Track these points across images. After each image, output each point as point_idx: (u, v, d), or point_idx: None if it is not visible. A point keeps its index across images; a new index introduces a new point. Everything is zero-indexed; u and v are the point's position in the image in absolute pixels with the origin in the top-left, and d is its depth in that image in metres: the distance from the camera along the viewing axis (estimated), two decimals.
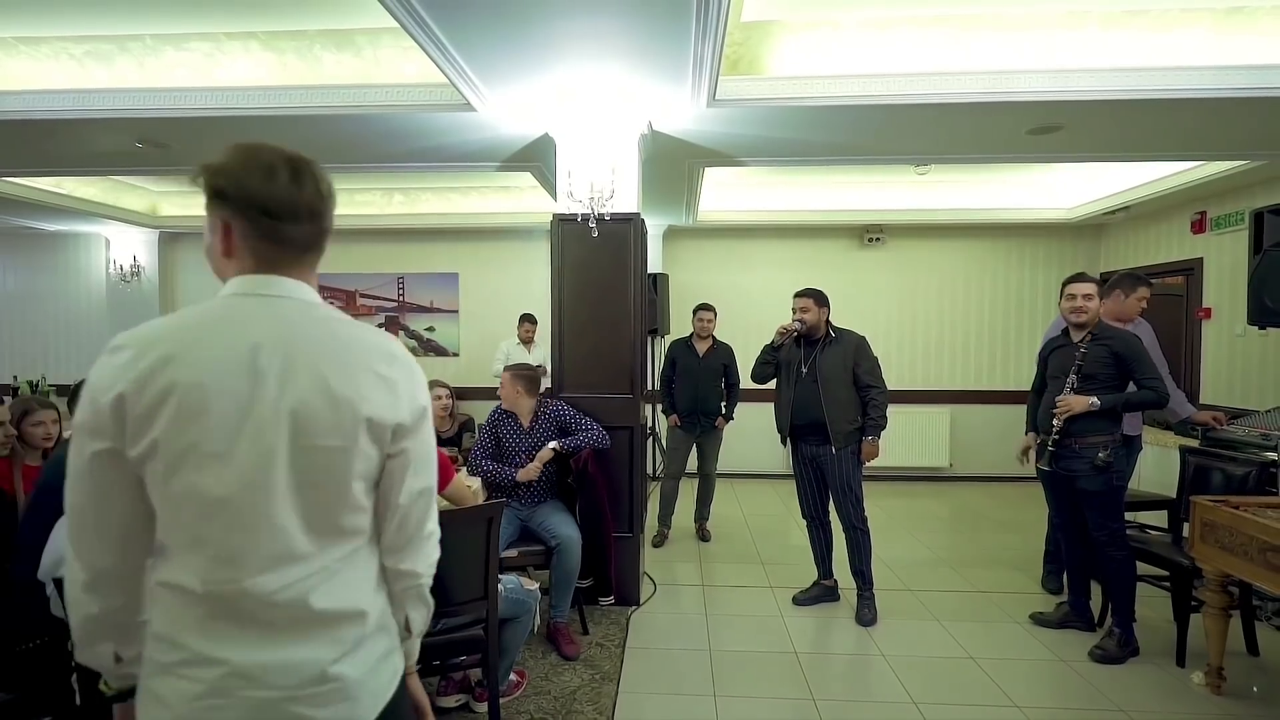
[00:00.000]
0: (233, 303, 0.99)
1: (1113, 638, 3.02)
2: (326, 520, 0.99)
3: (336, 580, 1.00)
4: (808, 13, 3.12)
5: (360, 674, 1.01)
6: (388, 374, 1.03)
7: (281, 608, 0.95)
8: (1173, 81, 3.11)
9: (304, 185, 1.00)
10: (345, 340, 1.02)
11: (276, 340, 0.97)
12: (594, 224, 3.45)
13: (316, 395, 0.97)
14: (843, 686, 2.87)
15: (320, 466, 0.97)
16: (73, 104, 3.47)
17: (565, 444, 3.24)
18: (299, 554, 0.97)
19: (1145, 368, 2.97)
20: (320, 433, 0.97)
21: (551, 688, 2.79)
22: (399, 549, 1.08)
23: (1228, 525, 2.57)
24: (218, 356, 0.94)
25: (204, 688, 0.93)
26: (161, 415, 0.91)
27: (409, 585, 1.11)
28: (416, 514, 1.08)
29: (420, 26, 2.48)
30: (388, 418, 1.01)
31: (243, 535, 0.94)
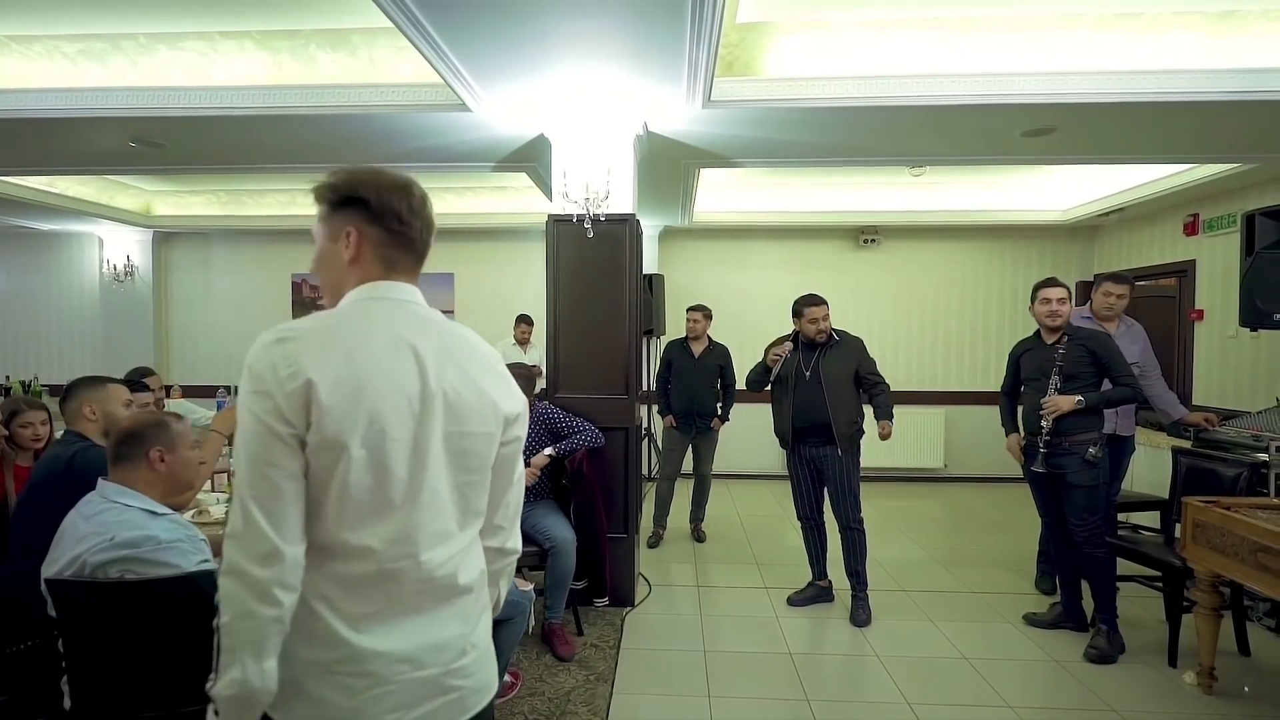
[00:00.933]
0: (372, 307, 1.06)
1: (1101, 634, 3.04)
2: (471, 501, 1.10)
3: (470, 556, 1.11)
4: (802, 14, 3.12)
5: (487, 643, 1.14)
6: (503, 372, 1.16)
7: (440, 581, 1.04)
8: (1166, 84, 3.12)
9: (426, 202, 1.12)
10: (470, 341, 1.13)
11: (424, 338, 1.05)
12: (589, 225, 3.45)
13: (465, 387, 1.07)
14: (837, 687, 2.87)
15: (470, 451, 1.08)
16: (66, 103, 3.46)
17: (561, 448, 3.24)
18: (453, 531, 1.07)
19: (1120, 366, 3.08)
20: (471, 420, 1.07)
21: (546, 689, 2.79)
22: (504, 529, 1.19)
23: (1219, 526, 2.58)
24: (382, 353, 1.01)
25: (369, 680, 0.98)
26: (351, 405, 0.95)
27: (507, 564, 1.22)
28: (517, 496, 1.21)
29: (415, 26, 2.48)
30: (511, 409, 1.14)
31: (419, 513, 1.02)
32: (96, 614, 1.56)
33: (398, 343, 1.03)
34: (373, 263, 1.08)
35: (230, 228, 6.85)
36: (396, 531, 1.00)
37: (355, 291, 1.07)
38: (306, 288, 7.08)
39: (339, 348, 0.98)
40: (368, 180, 1.07)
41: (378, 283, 1.08)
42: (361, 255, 1.08)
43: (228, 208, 6.67)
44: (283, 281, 7.10)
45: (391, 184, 1.08)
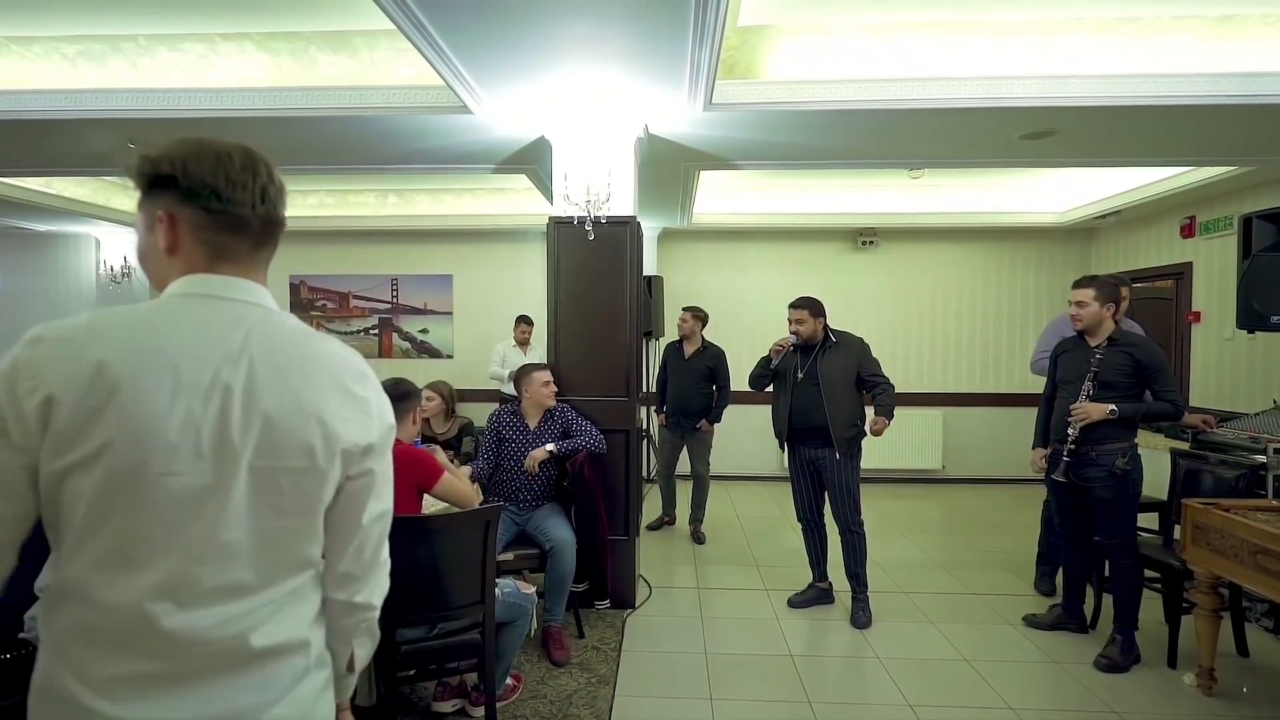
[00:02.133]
0: (187, 305, 0.89)
1: (1116, 645, 2.98)
2: (284, 550, 0.91)
3: (281, 615, 0.91)
4: (803, 17, 3.13)
5: (296, 713, 0.93)
6: (359, 392, 0.96)
7: (219, 645, 0.85)
8: (1164, 88, 3.14)
9: (258, 172, 0.93)
10: (313, 354, 0.94)
11: (242, 348, 0.88)
12: (590, 227, 3.46)
13: (285, 413, 0.88)
14: (838, 689, 2.88)
15: (287, 490, 0.89)
16: (64, 104, 3.45)
17: (562, 446, 3.24)
18: (247, 586, 0.88)
19: (1166, 379, 2.90)
20: (289, 453, 0.88)
21: (548, 691, 2.78)
22: (355, 579, 0.99)
23: (1219, 528, 2.59)
24: (176, 364, 0.84)
25: None
26: (100, 428, 0.80)
27: (362, 619, 1.02)
28: (375, 538, 1.00)
29: (417, 29, 2.48)
30: (357, 439, 0.94)
31: (186, 564, 0.84)
32: None
33: (197, 352, 0.86)
34: (194, 252, 0.91)
35: None
36: (154, 582, 0.83)
37: (172, 286, 0.91)
38: (304, 289, 7.08)
39: (103, 355, 0.81)
40: (174, 153, 0.89)
41: (200, 275, 0.91)
42: (179, 243, 0.91)
43: None
44: (280, 282, 7.08)
45: (203, 153, 0.89)
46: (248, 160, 0.92)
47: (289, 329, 0.94)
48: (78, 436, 0.80)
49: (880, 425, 3.42)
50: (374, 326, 7.03)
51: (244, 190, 0.91)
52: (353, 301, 7.05)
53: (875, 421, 3.42)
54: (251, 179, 0.92)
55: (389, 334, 7.03)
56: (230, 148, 0.92)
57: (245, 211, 0.91)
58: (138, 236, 0.94)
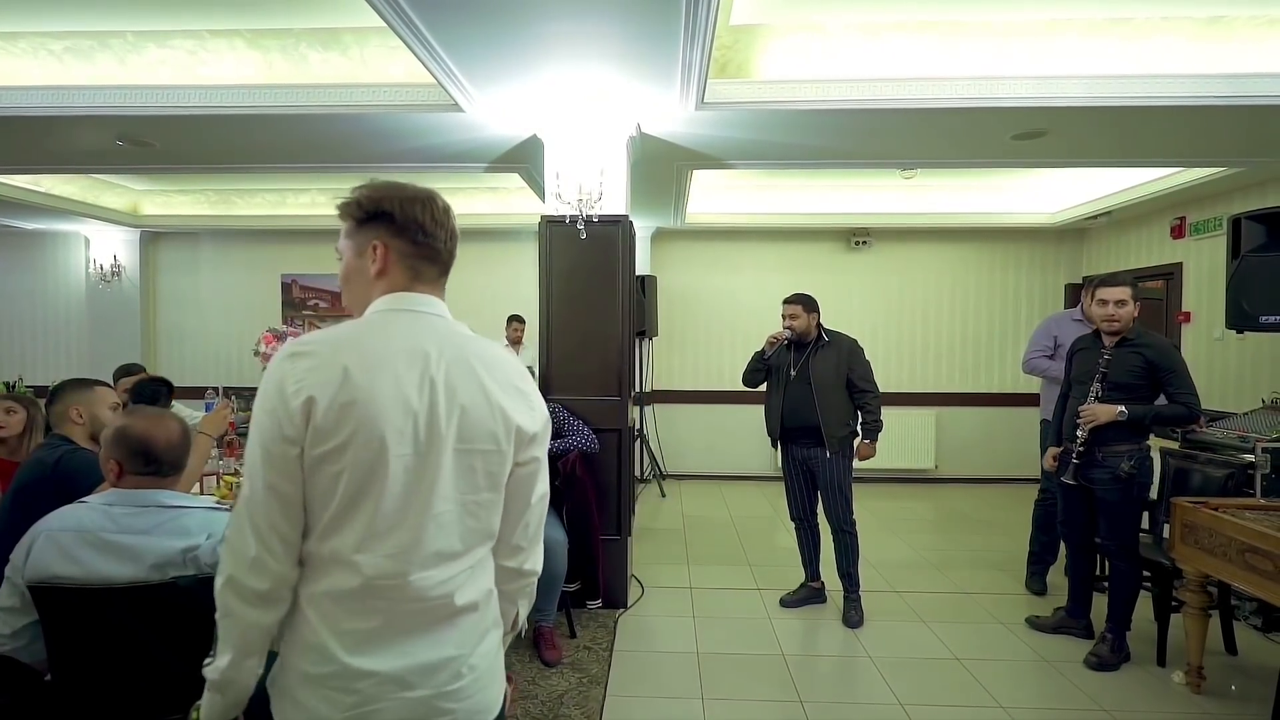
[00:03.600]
0: (393, 318, 1.07)
1: (1106, 644, 2.98)
2: (480, 521, 1.08)
3: (475, 577, 1.09)
4: (795, 17, 3.12)
5: (488, 664, 1.10)
6: (524, 388, 1.13)
7: (435, 602, 1.03)
8: (1154, 89, 3.15)
9: (449, 213, 1.14)
10: (491, 356, 1.11)
11: (440, 351, 1.05)
12: (582, 226, 3.45)
13: (477, 403, 1.05)
14: (830, 688, 2.88)
15: (480, 470, 1.06)
16: (52, 101, 3.42)
17: (554, 446, 3.23)
18: (454, 552, 1.05)
19: (1181, 381, 2.83)
20: (481, 438, 1.06)
21: (539, 691, 2.78)
22: (523, 549, 1.17)
23: (1207, 526, 2.60)
24: (395, 366, 1.01)
25: (357, 698, 0.99)
26: (347, 421, 0.97)
27: (526, 585, 1.20)
28: (538, 515, 1.18)
29: (408, 26, 2.47)
30: (528, 427, 1.11)
31: (414, 532, 1.01)
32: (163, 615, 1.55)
33: (408, 355, 1.03)
34: (398, 274, 1.10)
35: (219, 227, 6.79)
36: (391, 548, 1.00)
37: (378, 302, 1.09)
38: (296, 288, 7.04)
39: (345, 362, 0.99)
40: (391, 194, 1.09)
41: (401, 294, 1.09)
42: (388, 268, 1.10)
43: (216, 207, 6.61)
44: (272, 282, 7.04)
45: (414, 197, 1.10)
46: (444, 204, 1.14)
47: (466, 336, 1.12)
48: (332, 429, 0.97)
49: (868, 451, 3.43)
50: None
51: (441, 228, 1.12)
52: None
53: (862, 448, 3.43)
54: (446, 217, 1.13)
55: None
56: (430, 193, 1.12)
57: (440, 245, 1.12)
58: (345, 261, 1.13)
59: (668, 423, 6.78)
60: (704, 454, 6.83)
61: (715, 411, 6.75)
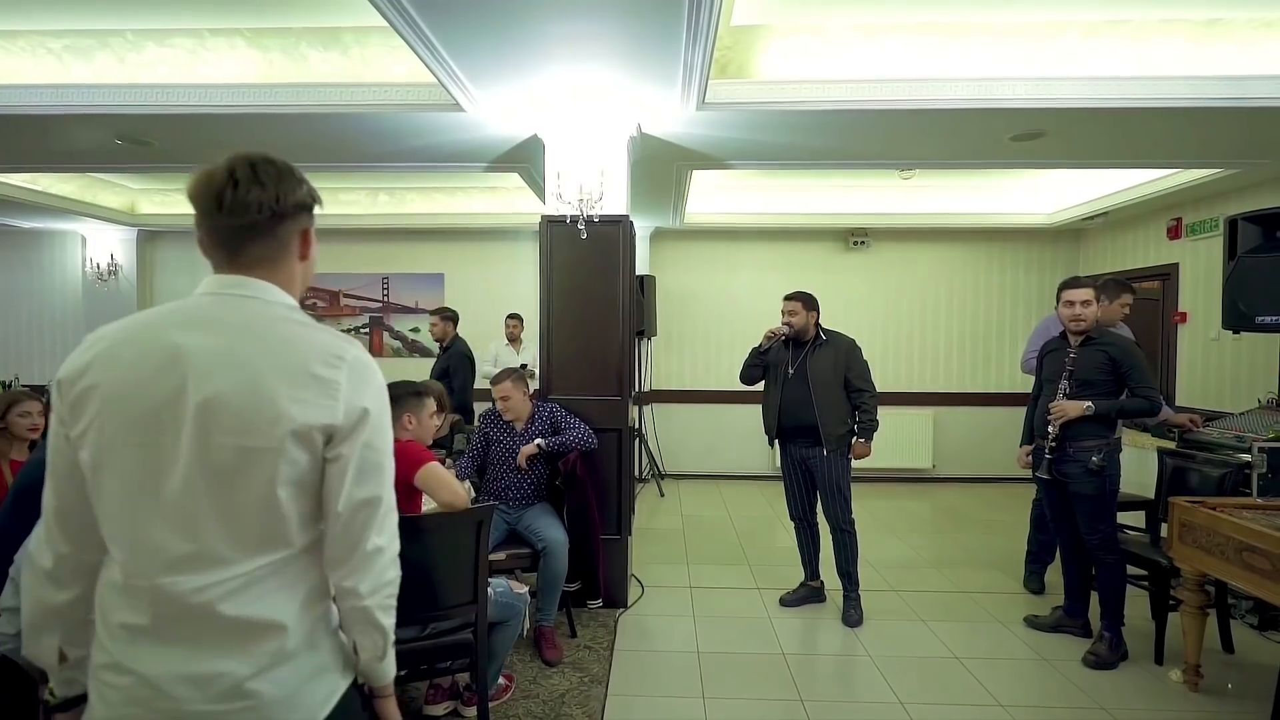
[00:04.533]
0: (187, 301, 1.03)
1: (1103, 642, 3.02)
2: (249, 525, 0.97)
3: (256, 590, 0.97)
4: (796, 18, 3.14)
5: (282, 693, 0.97)
6: (326, 375, 0.99)
7: (196, 610, 0.95)
8: (1152, 90, 3.17)
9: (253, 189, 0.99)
10: (285, 340, 1.00)
11: (211, 336, 0.97)
12: (583, 226, 3.45)
13: (238, 393, 0.95)
14: (830, 687, 2.89)
15: (237, 467, 0.95)
16: (51, 99, 3.41)
17: (551, 443, 3.23)
18: (216, 557, 0.95)
19: (1140, 376, 2.96)
20: (236, 431, 0.94)
21: (540, 691, 2.78)
22: (341, 563, 1.03)
23: (1205, 526, 2.62)
24: (142, 353, 0.97)
25: (121, 695, 0.95)
26: (88, 407, 0.95)
27: (352, 605, 1.04)
28: (357, 525, 1.01)
29: (410, 26, 2.47)
30: (316, 419, 0.97)
31: (157, 531, 0.95)
32: None
33: (158, 341, 0.97)
34: (212, 256, 1.04)
35: None
36: (130, 545, 0.96)
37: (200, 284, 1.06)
38: None
39: (100, 347, 0.98)
40: (193, 182, 1.02)
41: (211, 277, 1.04)
42: (206, 251, 1.05)
43: None
44: None
45: (197, 178, 1.01)
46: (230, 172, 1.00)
47: (276, 318, 1.02)
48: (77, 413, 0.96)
49: (863, 451, 3.45)
50: (364, 325, 6.99)
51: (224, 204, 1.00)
52: (343, 300, 7.01)
53: (857, 447, 3.45)
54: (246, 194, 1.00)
55: (379, 333, 6.99)
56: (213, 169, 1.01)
57: (216, 223, 1.01)
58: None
59: (666, 422, 6.79)
60: (703, 454, 6.84)
61: (714, 411, 6.76)
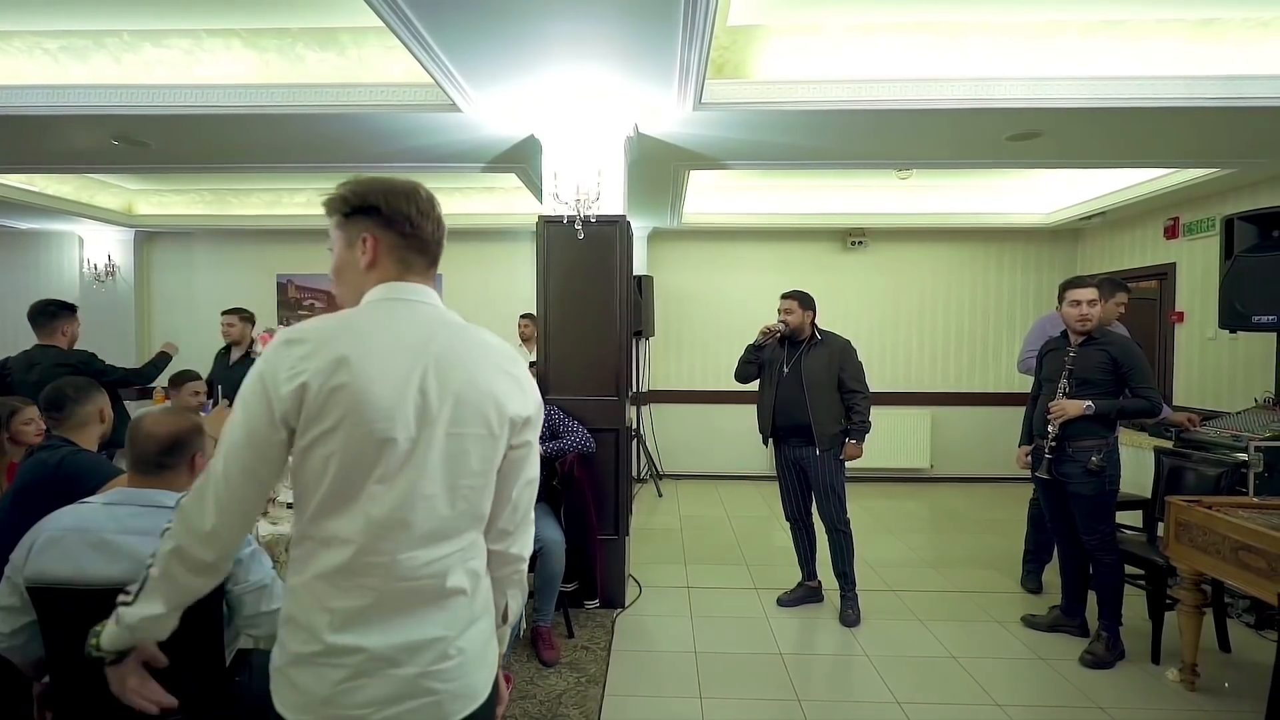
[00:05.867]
0: (386, 307, 1.10)
1: (1101, 641, 3.02)
2: (471, 504, 1.10)
3: (469, 563, 1.11)
4: (793, 17, 3.13)
5: (477, 649, 1.11)
6: (516, 373, 1.16)
7: (425, 582, 1.05)
8: (1148, 91, 3.17)
9: (434, 203, 1.17)
10: (480, 342, 1.14)
11: (431, 338, 1.08)
12: (579, 226, 3.45)
13: (468, 389, 1.08)
14: (827, 687, 2.89)
15: (471, 454, 1.08)
16: (47, 100, 3.40)
17: (549, 448, 3.23)
18: (444, 534, 1.07)
19: (1141, 376, 2.95)
20: (472, 422, 1.08)
21: (537, 691, 2.78)
22: (510, 533, 1.18)
23: (1201, 525, 2.62)
24: (386, 352, 1.04)
25: (346, 673, 1.01)
26: (338, 405, 1.00)
27: (514, 570, 1.21)
28: (526, 499, 1.20)
29: (406, 26, 2.46)
30: (520, 411, 1.14)
31: (404, 513, 1.03)
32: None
33: (400, 342, 1.06)
34: (389, 266, 1.13)
35: (214, 227, 6.77)
36: (380, 528, 1.02)
37: (371, 293, 1.12)
38: (292, 288, 7.02)
39: (338, 348, 1.01)
40: (377, 188, 1.12)
41: (393, 284, 1.12)
42: (378, 260, 1.13)
43: (212, 207, 6.58)
44: (268, 282, 7.01)
45: (400, 190, 1.13)
46: (428, 194, 1.16)
47: (458, 324, 1.14)
48: (323, 413, 1.00)
49: (854, 452, 3.45)
50: None
51: (427, 219, 1.14)
52: None
53: (849, 449, 3.45)
54: (431, 208, 1.16)
55: None
56: (414, 185, 1.15)
57: (427, 235, 1.15)
58: (336, 254, 1.16)
59: (664, 423, 6.79)
60: (701, 454, 6.84)
61: (712, 411, 6.76)
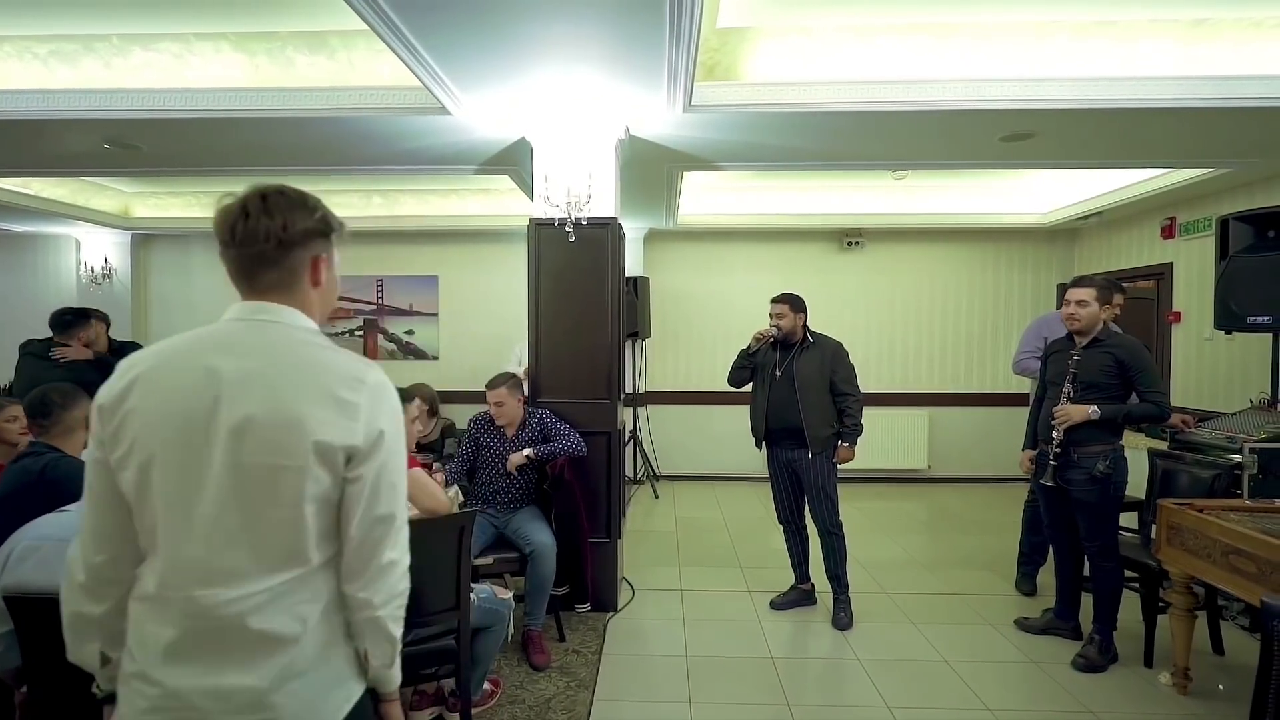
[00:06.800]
0: (219, 327, 1.08)
1: (1093, 644, 3.00)
2: (279, 541, 1.02)
3: (282, 603, 1.02)
4: (783, 19, 3.12)
5: (298, 705, 1.02)
6: (348, 397, 1.04)
7: (226, 622, 0.99)
8: (1140, 91, 3.15)
9: (263, 218, 1.06)
10: (309, 363, 1.06)
11: (242, 360, 1.03)
12: (571, 228, 3.45)
13: (268, 414, 1.00)
14: (818, 691, 2.88)
15: (266, 485, 1.00)
16: (37, 104, 3.39)
17: (540, 451, 3.22)
18: (244, 571, 1.00)
19: (1150, 379, 2.87)
20: (265, 451, 1.00)
21: (527, 696, 2.77)
22: (357, 575, 1.07)
23: (1193, 528, 2.61)
24: (178, 377, 1.02)
25: (147, 704, 1.00)
26: (128, 429, 1.00)
27: (364, 616, 1.08)
28: (373, 541, 1.07)
29: (391, 30, 2.45)
30: (338, 440, 1.02)
31: (187, 546, 1.00)
32: None
33: (193, 366, 1.03)
34: (237, 284, 1.11)
35: (210, 230, 6.74)
36: (169, 559, 1.01)
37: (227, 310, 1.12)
38: None
39: (136, 371, 1.03)
40: (216, 213, 1.09)
41: (237, 304, 1.10)
42: (231, 278, 1.12)
43: (208, 209, 6.57)
44: None
45: (222, 210, 1.08)
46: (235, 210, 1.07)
47: (299, 342, 1.07)
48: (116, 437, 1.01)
49: (846, 455, 3.44)
50: (359, 328, 6.99)
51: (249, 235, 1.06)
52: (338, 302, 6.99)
53: (841, 451, 3.44)
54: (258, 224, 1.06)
55: (374, 335, 6.98)
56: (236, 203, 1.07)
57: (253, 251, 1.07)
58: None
59: (662, 424, 6.78)
60: (698, 455, 6.83)
61: (710, 412, 6.75)
